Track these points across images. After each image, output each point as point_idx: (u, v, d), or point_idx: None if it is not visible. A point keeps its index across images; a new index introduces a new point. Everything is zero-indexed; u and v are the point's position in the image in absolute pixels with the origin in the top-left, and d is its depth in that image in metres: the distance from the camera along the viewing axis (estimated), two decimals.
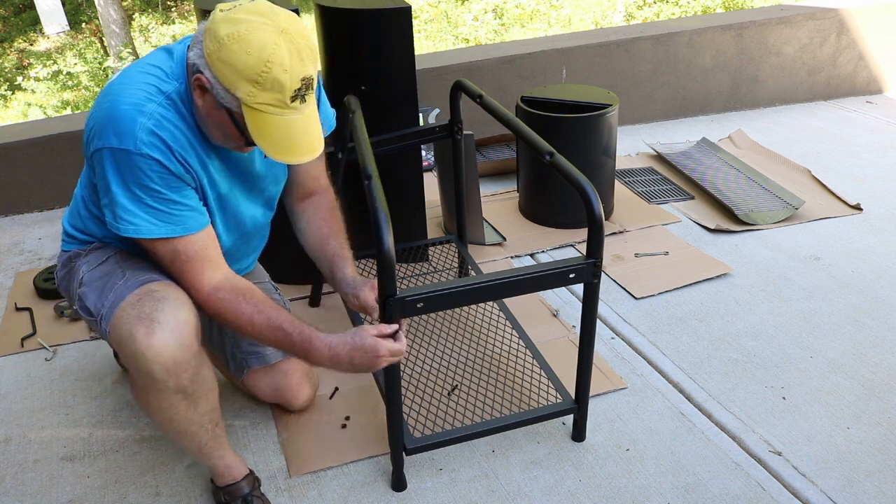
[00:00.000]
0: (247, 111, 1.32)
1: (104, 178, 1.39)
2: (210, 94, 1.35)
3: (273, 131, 1.34)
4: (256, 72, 1.28)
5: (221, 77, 1.31)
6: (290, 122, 1.34)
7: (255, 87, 1.30)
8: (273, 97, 1.31)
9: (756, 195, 3.19)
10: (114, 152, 1.35)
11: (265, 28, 1.29)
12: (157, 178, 1.38)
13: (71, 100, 9.21)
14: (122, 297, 1.45)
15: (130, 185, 1.38)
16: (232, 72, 1.29)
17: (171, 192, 1.41)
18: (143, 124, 1.35)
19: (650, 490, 1.75)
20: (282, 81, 1.30)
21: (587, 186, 1.58)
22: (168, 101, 1.40)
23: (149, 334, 1.38)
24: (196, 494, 1.75)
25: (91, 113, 1.43)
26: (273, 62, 1.28)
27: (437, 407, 1.98)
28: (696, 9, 9.00)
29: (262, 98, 1.31)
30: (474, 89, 2.13)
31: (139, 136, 1.34)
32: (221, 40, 1.29)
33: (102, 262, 1.56)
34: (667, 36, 4.00)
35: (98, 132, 1.38)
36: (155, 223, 1.41)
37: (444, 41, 9.36)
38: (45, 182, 3.22)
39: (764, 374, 2.14)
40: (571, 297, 2.53)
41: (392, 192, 2.39)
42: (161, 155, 1.37)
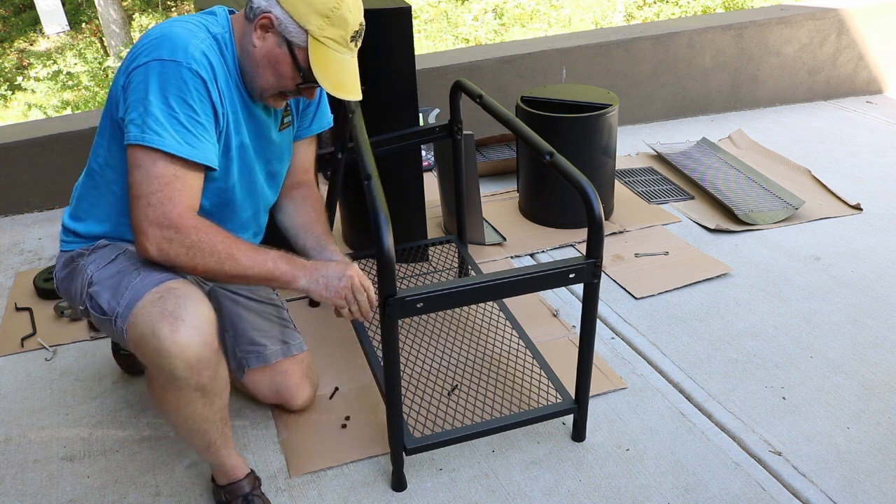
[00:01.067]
0: (312, 44, 1.45)
1: (143, 88, 1.40)
2: (273, 32, 1.47)
3: (331, 66, 1.47)
4: (329, 7, 1.44)
5: (294, 11, 1.44)
6: (344, 61, 1.49)
7: (324, 21, 1.44)
8: (338, 33, 1.46)
9: (756, 195, 3.19)
10: (163, 63, 1.40)
11: None
12: (196, 97, 1.43)
13: (71, 100, 9.21)
14: (140, 295, 1.44)
15: (169, 95, 1.40)
16: (305, 5, 1.43)
17: (202, 116, 1.45)
18: (196, 45, 1.43)
19: (650, 490, 1.75)
20: (348, 20, 1.46)
21: (587, 186, 1.58)
22: (215, 42, 1.49)
23: (174, 331, 1.38)
24: (196, 494, 1.75)
25: (137, 43, 1.47)
26: (343, 1, 1.45)
27: (437, 407, 1.98)
28: (696, 9, 9.00)
29: (329, 32, 1.45)
30: (474, 89, 2.13)
31: (191, 53, 1.42)
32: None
33: (112, 261, 1.55)
34: (667, 36, 4.00)
35: (147, 50, 1.42)
36: (179, 141, 1.41)
37: (444, 41, 9.36)
38: (45, 182, 3.22)
39: (764, 374, 2.14)
40: (571, 297, 2.53)
41: (392, 192, 2.40)
42: (206, 75, 1.44)
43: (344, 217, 2.77)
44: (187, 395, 1.46)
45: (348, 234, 2.79)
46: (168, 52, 1.40)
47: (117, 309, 1.47)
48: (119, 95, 1.46)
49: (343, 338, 2.28)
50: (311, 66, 1.46)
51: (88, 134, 3.19)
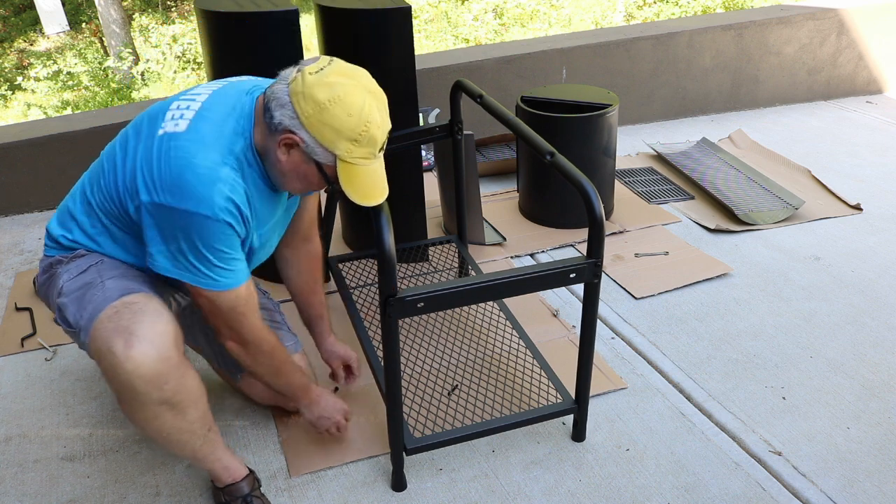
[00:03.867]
0: (341, 165, 1.43)
1: (171, 233, 1.42)
2: (299, 151, 1.43)
3: (360, 179, 1.46)
4: (358, 132, 1.40)
5: (321, 137, 1.40)
6: (373, 171, 1.47)
7: (353, 145, 1.41)
8: (367, 151, 1.43)
9: (756, 195, 3.19)
10: (189, 215, 1.39)
11: (358, 90, 1.40)
12: (226, 241, 1.44)
13: (71, 100, 9.20)
14: (100, 309, 1.45)
15: (201, 247, 1.42)
16: (333, 132, 1.39)
17: (233, 251, 1.48)
18: (220, 190, 1.40)
19: (650, 490, 1.75)
20: (376, 137, 1.43)
21: (588, 186, 1.58)
22: (237, 161, 1.45)
23: (127, 347, 1.38)
24: (196, 494, 1.75)
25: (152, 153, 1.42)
26: (371, 122, 1.41)
27: (437, 407, 1.98)
28: (696, 9, 9.00)
29: (357, 153, 1.43)
30: (474, 89, 2.13)
31: (217, 203, 1.39)
32: (322, 104, 1.37)
33: (83, 272, 1.55)
34: (667, 36, 4.00)
35: (169, 189, 1.39)
36: (216, 279, 1.47)
37: (444, 41, 9.36)
38: (45, 182, 3.22)
39: (764, 374, 2.14)
40: (571, 297, 2.53)
41: (392, 192, 2.39)
42: (234, 220, 1.44)
43: (344, 217, 2.77)
44: (152, 409, 1.45)
45: (348, 234, 2.79)
46: (194, 205, 1.38)
47: (80, 322, 1.48)
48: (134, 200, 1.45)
49: (343, 338, 2.28)
50: (340, 183, 1.45)
51: (88, 134, 3.19)
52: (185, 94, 1.53)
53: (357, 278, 2.59)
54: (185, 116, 1.46)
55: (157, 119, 1.48)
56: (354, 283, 2.55)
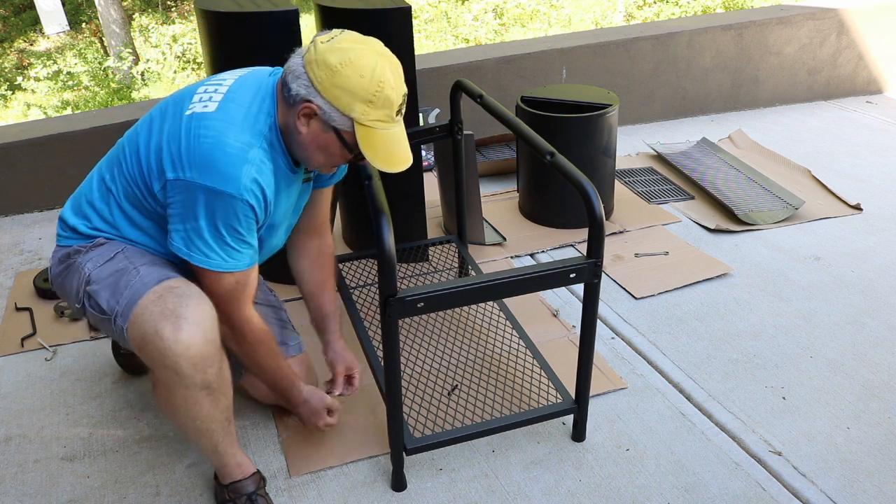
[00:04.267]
0: (359, 129, 1.44)
1: (192, 209, 1.43)
2: (317, 120, 1.45)
3: (380, 144, 1.46)
4: (371, 92, 1.41)
5: (336, 101, 1.41)
6: (393, 135, 1.47)
7: (368, 106, 1.42)
8: (383, 113, 1.44)
9: (756, 195, 3.19)
10: (214, 192, 1.41)
11: (369, 53, 1.42)
12: (245, 222, 1.46)
13: (71, 100, 9.20)
14: (140, 294, 1.46)
15: (219, 223, 1.43)
16: (347, 94, 1.41)
17: (247, 234, 1.49)
18: (248, 171, 1.42)
19: (650, 490, 1.75)
20: (392, 99, 1.43)
21: (588, 186, 1.58)
22: (267, 142, 1.48)
23: (176, 330, 1.40)
24: (196, 494, 1.75)
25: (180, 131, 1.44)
26: (384, 82, 1.42)
27: (437, 407, 1.98)
28: (696, 9, 9.00)
29: (374, 115, 1.43)
30: (474, 89, 2.13)
31: (243, 183, 1.41)
32: (334, 67, 1.39)
33: (110, 259, 1.55)
34: (667, 36, 4.00)
35: (197, 166, 1.41)
36: (226, 258, 1.48)
37: (444, 41, 9.36)
38: (45, 182, 3.22)
39: (764, 374, 2.14)
40: (571, 297, 2.53)
41: (392, 192, 2.40)
42: (256, 202, 1.45)
43: (344, 217, 2.77)
44: (194, 394, 1.47)
45: (348, 234, 2.79)
46: (220, 182, 1.40)
47: (117, 308, 1.48)
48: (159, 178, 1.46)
49: (343, 337, 2.28)
50: (360, 148, 1.46)
51: (88, 134, 3.19)
52: (211, 80, 1.56)
53: (357, 278, 2.59)
54: (214, 99, 1.48)
55: (183, 102, 1.51)
56: (354, 283, 2.55)
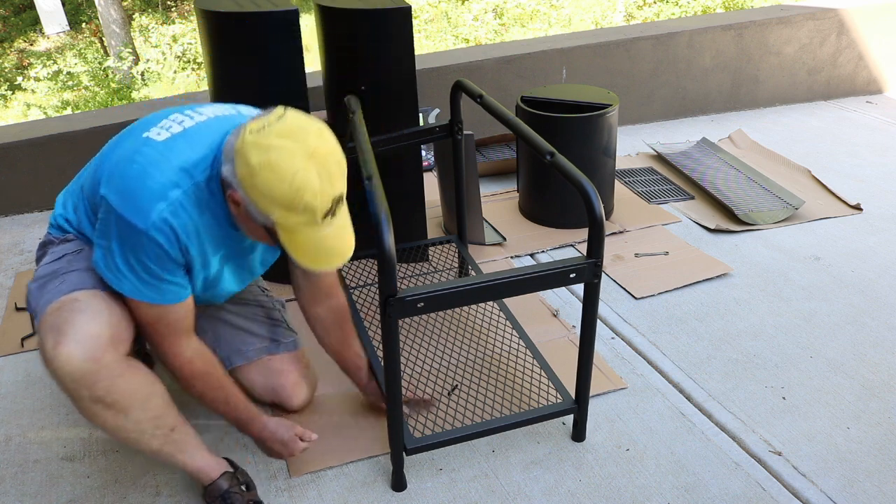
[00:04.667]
0: (280, 229, 1.38)
1: (109, 231, 1.43)
2: (242, 208, 1.40)
3: (305, 244, 1.39)
4: (288, 199, 1.32)
5: (255, 202, 1.35)
6: (321, 236, 1.39)
7: (287, 212, 1.34)
8: (305, 218, 1.35)
9: (756, 195, 3.19)
10: (124, 221, 1.40)
11: (295, 154, 1.31)
12: (154, 259, 1.43)
13: (71, 100, 9.20)
14: (49, 302, 1.47)
15: (129, 254, 1.42)
16: (264, 198, 1.33)
17: (162, 272, 1.45)
18: (160, 210, 1.39)
19: (650, 490, 1.75)
20: (313, 206, 1.34)
21: (588, 186, 1.58)
22: (195, 189, 1.43)
23: (55, 345, 1.40)
24: (196, 494, 1.75)
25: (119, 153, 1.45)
26: (304, 189, 1.32)
27: (438, 407, 1.98)
28: (696, 9, 9.00)
29: (293, 220, 1.36)
30: (475, 89, 2.13)
31: (152, 219, 1.38)
32: (253, 168, 1.32)
33: (58, 259, 1.57)
34: (667, 36, 4.00)
35: (118, 190, 1.41)
36: (140, 288, 1.46)
37: (444, 41, 9.36)
38: (45, 182, 3.22)
39: (764, 374, 2.14)
40: (571, 297, 2.53)
41: (392, 192, 2.39)
42: (165, 241, 1.41)
43: None
44: (88, 406, 1.46)
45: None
46: (130, 212, 1.38)
47: (36, 310, 1.51)
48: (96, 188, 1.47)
49: None
50: (283, 246, 1.41)
51: (88, 134, 3.19)
52: (193, 108, 1.54)
53: (357, 278, 2.59)
54: (173, 130, 1.46)
55: (154, 122, 1.50)
56: (354, 283, 2.55)
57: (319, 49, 2.44)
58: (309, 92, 2.34)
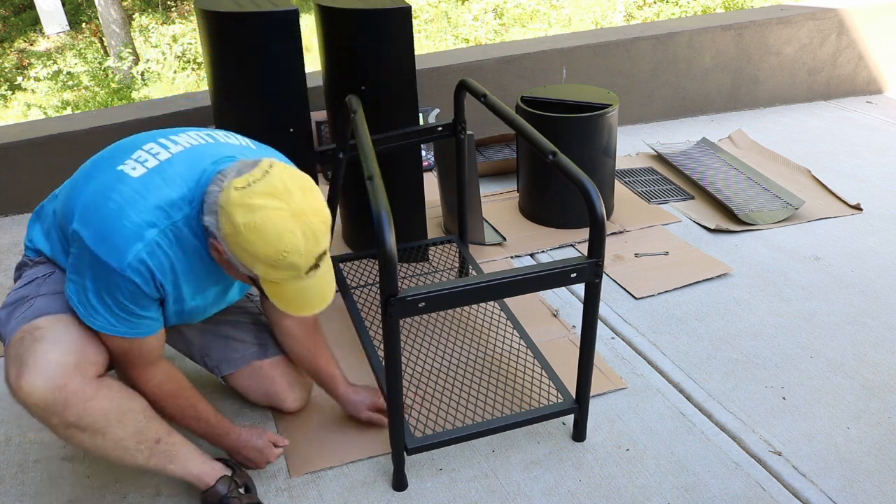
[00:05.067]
0: (263, 282, 1.39)
1: (82, 268, 1.41)
2: (225, 257, 1.40)
3: (288, 294, 1.41)
4: (273, 259, 1.33)
5: (239, 256, 1.35)
6: (304, 287, 1.40)
7: (271, 269, 1.35)
8: (289, 274, 1.36)
9: (756, 195, 3.19)
10: (99, 261, 1.37)
11: (280, 215, 1.31)
12: (129, 296, 1.41)
13: (71, 100, 9.20)
14: (14, 330, 1.47)
15: (103, 292, 1.40)
16: (249, 256, 1.34)
17: (136, 308, 1.44)
18: (136, 251, 1.37)
19: (650, 490, 1.75)
20: (297, 264, 1.35)
21: (589, 186, 1.58)
22: (172, 228, 1.40)
23: (18, 377, 1.39)
24: (196, 495, 1.75)
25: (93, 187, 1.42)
26: (289, 251, 1.32)
27: (438, 407, 1.98)
28: (696, 9, 9.00)
29: (277, 276, 1.37)
30: (478, 88, 2.12)
31: (127, 260, 1.36)
32: (238, 227, 1.31)
33: (28, 283, 1.55)
34: (667, 36, 4.00)
35: (93, 228, 1.38)
36: (114, 323, 1.45)
37: (444, 41, 9.36)
38: (45, 182, 3.22)
39: (764, 374, 2.15)
40: (571, 298, 2.53)
41: (392, 191, 2.40)
42: (141, 280, 1.39)
43: (344, 216, 2.77)
44: (62, 431, 1.46)
45: (348, 234, 2.79)
46: (105, 252, 1.36)
47: (3, 335, 1.51)
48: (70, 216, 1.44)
49: (344, 338, 2.28)
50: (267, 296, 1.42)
51: (88, 134, 3.19)
52: (166, 136, 1.50)
53: (357, 278, 2.59)
54: (148, 163, 1.43)
55: (127, 152, 1.46)
56: (355, 283, 2.55)
57: (319, 49, 2.44)
58: (309, 92, 2.35)
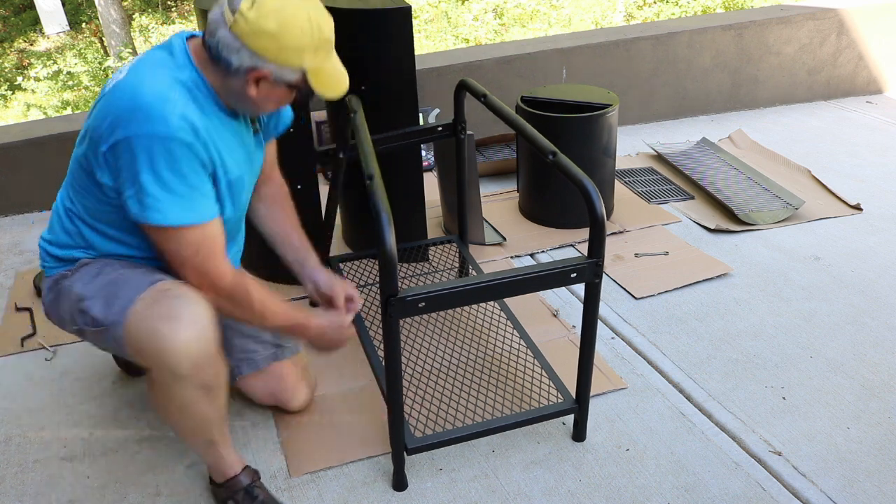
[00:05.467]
0: (311, 74, 1.48)
1: (132, 166, 1.40)
2: (267, 81, 1.46)
3: (328, 78, 1.52)
4: (316, 40, 1.44)
5: (286, 62, 1.44)
6: (333, 65, 1.53)
7: (315, 53, 1.46)
8: (325, 51, 1.49)
9: (756, 195, 3.19)
10: (147, 138, 1.38)
11: (295, 3, 1.42)
12: (186, 162, 1.42)
13: (71, 100, 9.20)
14: (132, 300, 1.46)
15: (160, 169, 1.40)
16: (295, 52, 1.43)
17: (195, 177, 1.44)
18: (172, 109, 1.39)
19: (650, 490, 1.75)
20: (329, 36, 1.48)
21: (589, 186, 1.58)
22: (184, 87, 1.44)
23: (174, 331, 1.41)
24: (196, 494, 1.75)
25: (103, 108, 1.44)
26: (322, 26, 1.45)
27: (438, 407, 1.98)
28: (696, 9, 9.00)
29: (318, 59, 1.48)
30: (479, 88, 2.12)
31: (171, 121, 1.38)
32: (275, 33, 1.40)
33: (98, 275, 1.55)
34: (667, 36, 4.00)
35: (123, 122, 1.39)
36: (181, 210, 1.43)
37: (444, 41, 9.36)
38: (45, 182, 3.22)
39: (764, 374, 2.15)
40: (571, 298, 2.53)
41: (392, 192, 2.40)
42: (192, 138, 1.42)
43: (344, 216, 2.77)
44: (191, 393, 1.48)
45: (348, 234, 2.79)
46: (148, 126, 1.37)
47: (111, 317, 1.48)
48: (100, 161, 1.44)
49: None
50: (314, 88, 1.51)
51: None
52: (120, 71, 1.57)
53: (357, 278, 2.59)
54: (122, 70, 1.49)
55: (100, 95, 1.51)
56: (355, 283, 2.55)
57: None
58: None
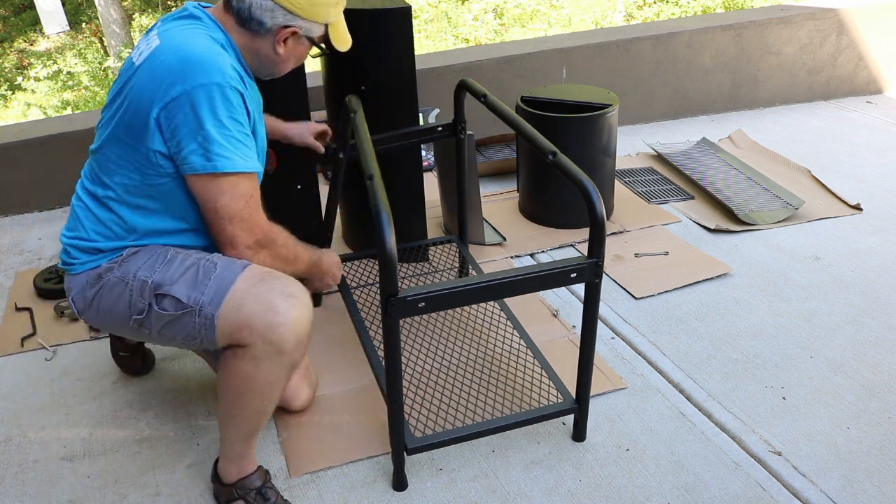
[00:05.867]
0: (331, 28, 1.64)
1: (193, 118, 1.43)
2: (295, 38, 1.60)
3: (342, 31, 1.69)
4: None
5: (316, 16, 1.58)
6: (342, 21, 1.68)
7: (336, 6, 1.62)
8: (342, 6, 1.65)
9: (756, 195, 3.19)
10: (206, 87, 1.43)
11: None
12: (240, 111, 1.49)
13: (71, 100, 9.20)
14: (231, 281, 1.48)
15: (222, 117, 1.44)
16: (323, 6, 1.58)
17: (247, 126, 1.52)
18: (224, 60, 1.47)
19: (650, 490, 1.75)
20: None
21: (589, 186, 1.58)
22: (221, 47, 1.53)
23: (291, 307, 1.46)
24: (196, 494, 1.75)
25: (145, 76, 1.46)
26: None
27: (438, 407, 1.98)
28: (696, 9, 9.00)
29: (338, 9, 1.64)
30: (479, 88, 2.12)
31: (226, 71, 1.46)
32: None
33: (167, 262, 1.53)
34: (667, 36, 4.00)
35: (179, 78, 1.43)
36: (242, 158, 1.49)
37: (444, 41, 9.36)
38: (45, 182, 3.22)
39: (764, 374, 2.15)
40: (571, 298, 2.53)
41: (392, 192, 2.39)
42: (241, 87, 1.50)
43: (344, 216, 2.77)
44: (281, 372, 1.52)
45: (348, 234, 2.79)
46: (206, 76, 1.43)
47: (202, 298, 1.48)
48: (151, 127, 1.45)
49: (344, 337, 2.28)
50: (331, 42, 1.65)
51: (88, 134, 3.19)
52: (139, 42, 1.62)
53: (357, 278, 2.59)
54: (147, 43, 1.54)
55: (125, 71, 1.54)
56: (355, 283, 2.55)
57: None
58: (309, 92, 2.35)
